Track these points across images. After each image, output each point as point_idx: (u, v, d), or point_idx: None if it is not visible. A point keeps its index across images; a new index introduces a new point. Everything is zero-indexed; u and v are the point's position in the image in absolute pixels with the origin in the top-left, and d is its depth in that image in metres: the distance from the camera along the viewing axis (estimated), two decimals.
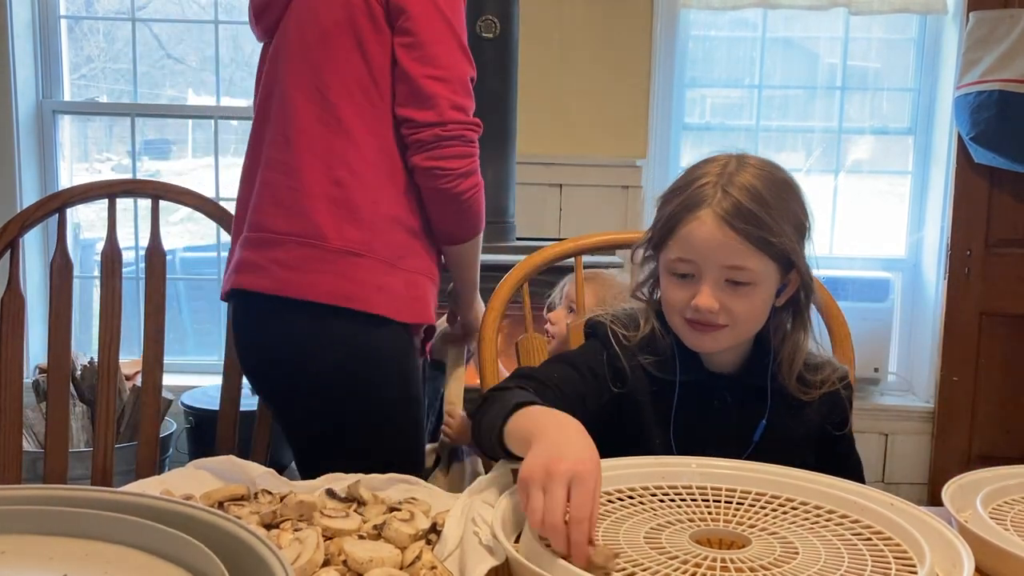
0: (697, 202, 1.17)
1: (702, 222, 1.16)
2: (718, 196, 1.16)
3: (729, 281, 1.17)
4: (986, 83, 3.03)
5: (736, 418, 1.26)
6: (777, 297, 1.23)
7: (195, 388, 3.19)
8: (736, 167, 1.19)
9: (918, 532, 0.92)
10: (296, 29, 1.53)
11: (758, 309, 1.21)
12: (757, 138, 3.48)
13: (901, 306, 3.50)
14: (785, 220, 1.17)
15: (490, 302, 1.55)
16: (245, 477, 1.11)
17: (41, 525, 0.72)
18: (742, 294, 1.18)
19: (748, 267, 1.16)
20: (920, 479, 3.42)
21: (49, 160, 3.41)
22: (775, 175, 1.20)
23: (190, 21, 3.56)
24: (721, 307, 1.18)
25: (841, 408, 1.30)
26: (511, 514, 0.95)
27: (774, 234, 1.16)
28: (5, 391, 1.51)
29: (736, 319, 1.19)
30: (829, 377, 1.27)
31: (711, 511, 1.00)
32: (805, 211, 1.23)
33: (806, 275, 1.22)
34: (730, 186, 1.17)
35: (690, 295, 1.19)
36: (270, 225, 1.48)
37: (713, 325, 1.19)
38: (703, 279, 1.18)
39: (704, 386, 1.26)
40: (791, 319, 1.27)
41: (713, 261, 1.17)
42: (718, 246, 1.16)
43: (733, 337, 1.22)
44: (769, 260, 1.18)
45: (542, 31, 3.27)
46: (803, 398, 1.26)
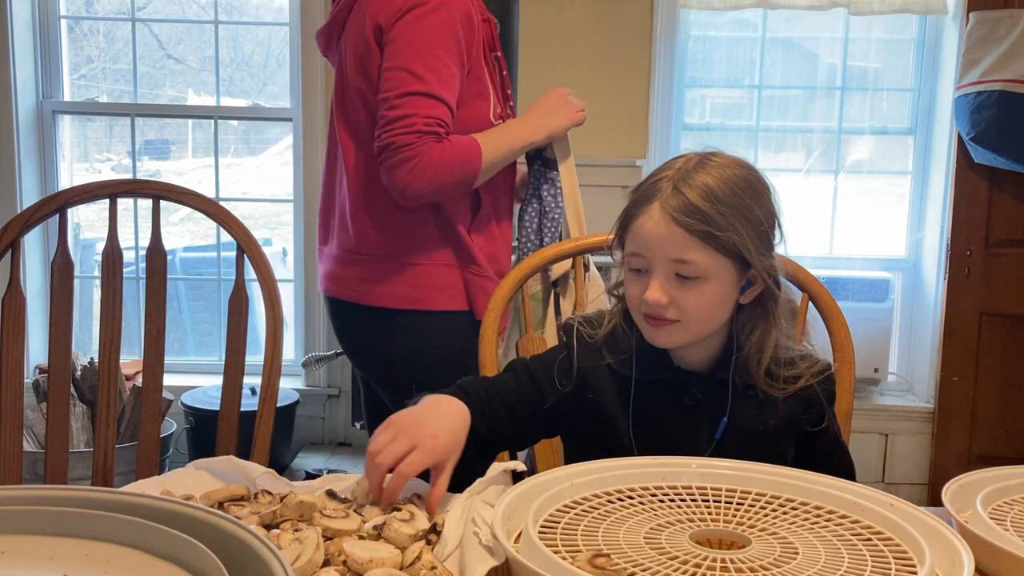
0: (649, 197, 1.21)
1: (649, 216, 1.19)
2: (668, 192, 1.19)
3: (679, 276, 1.19)
4: (986, 83, 3.03)
5: (705, 415, 1.27)
6: (742, 295, 1.24)
7: (195, 388, 3.20)
8: (696, 165, 1.21)
9: (918, 532, 0.92)
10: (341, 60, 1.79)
11: (710, 304, 1.21)
12: (757, 138, 3.48)
13: (901, 306, 3.50)
14: (736, 216, 1.18)
15: (490, 302, 1.56)
16: (245, 477, 1.11)
17: (41, 525, 0.72)
18: (691, 288, 1.19)
19: (693, 260, 1.18)
20: (920, 479, 3.42)
21: (49, 160, 3.42)
22: (737, 175, 1.21)
23: (190, 21, 3.57)
24: (671, 301, 1.19)
25: (818, 402, 1.29)
26: (511, 514, 0.95)
27: (720, 228, 1.17)
28: (5, 391, 1.51)
29: (686, 314, 1.20)
30: (804, 372, 1.27)
31: (711, 511, 1.00)
32: (770, 212, 1.23)
33: (766, 275, 1.22)
34: (682, 183, 1.19)
35: (643, 289, 1.21)
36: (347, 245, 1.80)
37: (664, 319, 1.21)
38: (652, 273, 1.20)
39: (673, 383, 1.27)
40: (756, 316, 1.27)
41: (659, 255, 1.19)
42: (662, 239, 1.18)
43: (687, 332, 1.23)
44: (717, 255, 1.18)
45: (542, 31, 3.28)
46: (773, 393, 1.26)
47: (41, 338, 3.23)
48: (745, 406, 1.26)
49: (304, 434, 3.42)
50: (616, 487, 1.05)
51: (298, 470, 3.12)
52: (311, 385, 3.44)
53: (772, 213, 1.24)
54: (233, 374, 1.60)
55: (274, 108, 3.52)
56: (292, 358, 3.45)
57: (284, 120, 3.45)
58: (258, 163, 3.78)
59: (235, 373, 1.59)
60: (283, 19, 3.44)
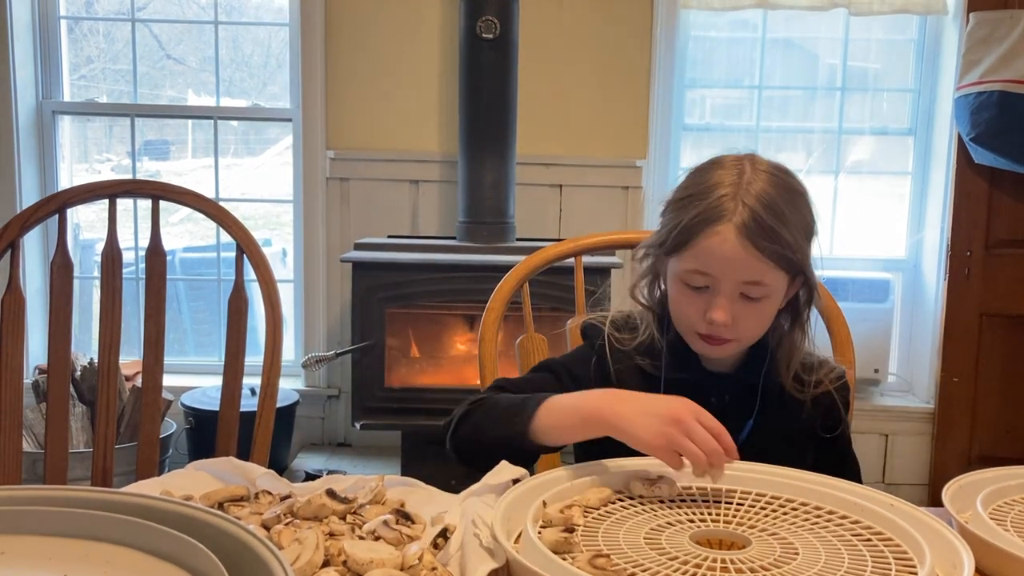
0: (717, 216, 1.16)
1: (724, 238, 1.15)
2: (738, 209, 1.15)
3: (744, 295, 1.18)
4: (986, 84, 3.03)
5: (731, 417, 1.26)
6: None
7: (195, 389, 3.20)
8: (751, 174, 1.18)
9: (918, 533, 0.92)
10: None
11: (766, 320, 1.22)
12: (757, 139, 3.48)
13: (901, 307, 3.50)
14: (799, 231, 1.18)
15: (490, 302, 1.55)
16: (245, 478, 1.11)
17: (41, 525, 0.72)
18: (754, 307, 1.19)
19: (765, 282, 1.17)
20: (920, 480, 3.42)
21: (49, 161, 3.42)
22: (788, 182, 1.20)
23: (190, 22, 3.57)
24: (734, 321, 1.18)
25: (836, 409, 1.30)
26: (511, 515, 0.95)
27: (792, 249, 1.16)
28: (5, 391, 1.51)
29: (743, 332, 1.21)
30: (825, 377, 1.28)
31: (711, 512, 1.00)
32: (813, 216, 1.23)
33: (812, 279, 1.23)
34: (747, 196, 1.16)
35: (703, 308, 1.19)
36: None
37: (721, 340, 1.20)
38: (719, 292, 1.18)
39: (700, 385, 1.26)
40: (789, 320, 1.27)
41: (731, 276, 1.17)
42: (739, 263, 1.15)
43: (740, 348, 1.24)
44: (782, 272, 1.18)
45: (542, 31, 3.28)
46: (798, 397, 1.26)
47: (41, 338, 3.23)
48: (771, 409, 1.26)
49: (304, 434, 3.42)
50: (616, 487, 1.04)
51: (298, 470, 3.12)
52: (311, 385, 3.44)
53: (813, 217, 1.23)
54: (233, 374, 1.60)
55: (274, 108, 3.52)
56: (292, 358, 3.45)
57: (284, 120, 3.45)
58: (258, 163, 3.77)
59: (235, 373, 1.59)
60: (283, 19, 3.43)
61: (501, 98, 3.03)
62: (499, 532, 0.88)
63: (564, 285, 1.98)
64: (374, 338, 2.92)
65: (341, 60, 3.30)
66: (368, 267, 2.90)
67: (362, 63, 3.31)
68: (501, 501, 0.96)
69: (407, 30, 3.30)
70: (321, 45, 3.28)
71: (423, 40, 3.30)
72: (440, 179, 3.33)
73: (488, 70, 3.02)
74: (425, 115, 3.33)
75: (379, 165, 3.33)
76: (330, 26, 3.29)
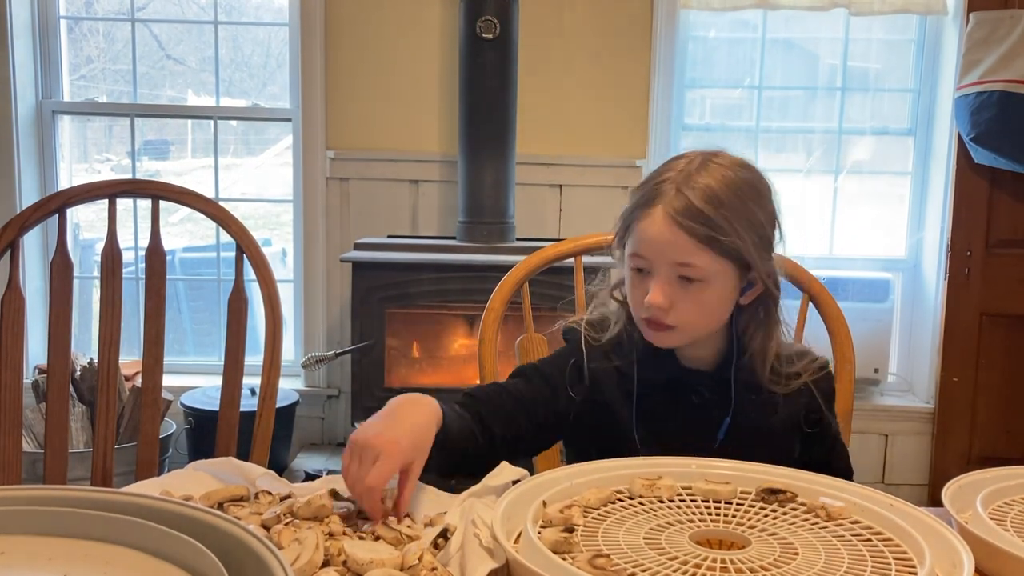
0: (652, 199, 1.20)
1: (653, 220, 1.19)
2: (671, 194, 1.18)
3: (682, 278, 1.19)
4: (986, 84, 3.03)
5: (711, 414, 1.27)
6: (742, 296, 1.24)
7: (195, 389, 3.20)
8: (699, 166, 1.20)
9: (918, 533, 0.92)
10: None
11: (709, 307, 1.22)
12: (757, 139, 3.48)
13: (901, 307, 3.50)
14: (738, 220, 1.18)
15: (490, 302, 1.55)
16: (245, 478, 1.11)
17: (41, 525, 0.72)
18: (692, 291, 1.19)
19: (696, 264, 1.18)
20: (920, 480, 3.42)
21: (49, 161, 3.42)
22: (739, 176, 1.20)
23: (190, 22, 3.57)
24: (671, 304, 1.19)
25: (815, 401, 1.30)
26: (511, 515, 0.95)
27: (723, 232, 1.17)
28: (5, 391, 1.51)
29: (682, 319, 1.20)
30: (806, 368, 1.28)
31: (711, 512, 1.00)
32: (770, 214, 1.23)
33: (767, 278, 1.23)
34: (686, 185, 1.18)
35: (645, 291, 1.21)
36: None
37: (662, 325, 1.21)
38: (653, 275, 1.20)
39: (680, 382, 1.27)
40: (760, 316, 1.27)
41: (662, 258, 1.19)
42: (665, 243, 1.18)
43: (684, 336, 1.23)
44: (719, 258, 1.18)
45: (542, 31, 3.28)
46: (777, 390, 1.26)
47: (40, 338, 3.23)
48: (749, 405, 1.26)
49: (304, 434, 3.42)
50: (616, 488, 1.05)
51: (298, 470, 3.12)
52: (311, 385, 3.44)
53: (773, 215, 1.24)
54: (232, 374, 1.60)
55: (274, 108, 3.52)
56: (292, 358, 3.45)
57: (284, 120, 3.45)
58: (257, 163, 3.77)
59: (234, 374, 1.59)
60: (283, 19, 3.43)
61: (501, 98, 3.03)
62: (499, 532, 0.88)
63: (564, 285, 1.98)
64: (374, 338, 2.92)
65: (341, 60, 3.30)
66: (368, 267, 2.90)
67: (362, 63, 3.31)
68: (501, 501, 0.96)
69: (407, 30, 3.30)
70: (321, 45, 3.28)
71: (423, 40, 3.30)
72: (440, 179, 3.33)
73: (488, 70, 3.02)
74: (425, 115, 3.33)
75: (379, 165, 3.33)
76: (330, 26, 3.29)
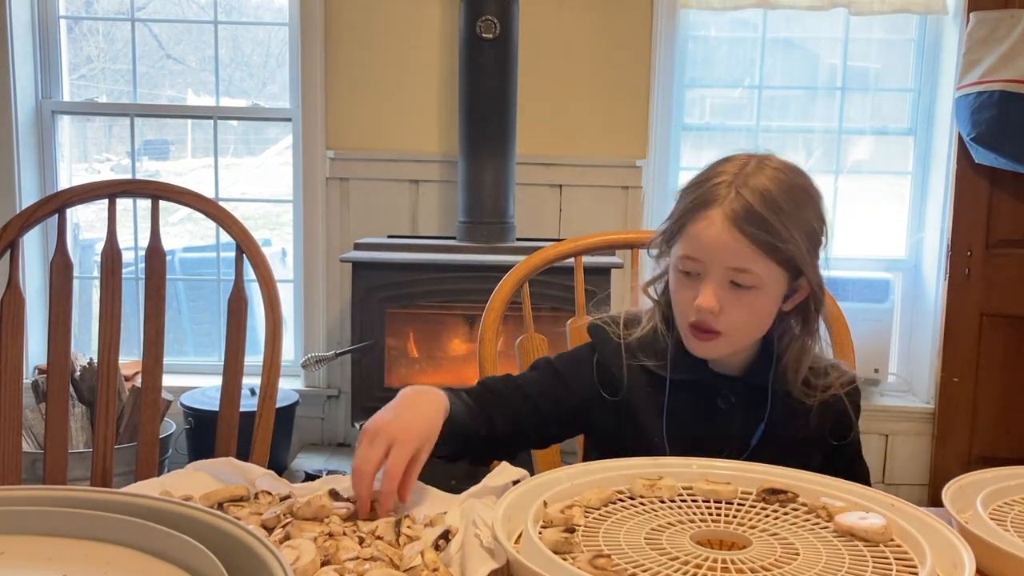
0: (709, 200, 1.17)
1: (711, 222, 1.16)
2: (730, 196, 1.16)
3: (733, 283, 1.17)
4: (987, 83, 3.03)
5: (738, 420, 1.25)
6: (785, 302, 1.23)
7: (194, 389, 3.20)
8: (755, 168, 1.18)
9: (919, 533, 0.92)
10: None
11: (759, 314, 1.20)
12: (757, 139, 3.48)
13: (901, 307, 3.50)
14: (796, 227, 1.16)
15: (490, 302, 1.55)
16: (244, 478, 1.11)
17: (41, 525, 0.72)
18: (743, 297, 1.17)
19: (752, 270, 1.16)
20: (920, 480, 3.42)
21: (48, 160, 3.41)
22: (794, 180, 1.19)
23: (190, 21, 3.56)
24: (721, 309, 1.17)
25: (846, 415, 1.29)
26: (511, 515, 0.95)
27: (782, 239, 1.15)
28: (5, 391, 1.51)
29: (731, 327, 1.18)
30: (834, 382, 1.26)
31: (712, 512, 1.00)
32: (821, 220, 1.22)
33: (816, 286, 1.22)
34: (744, 187, 1.16)
35: (694, 295, 1.18)
36: None
37: (710, 331, 1.19)
38: (706, 278, 1.17)
39: (708, 386, 1.26)
40: (799, 325, 1.26)
41: (718, 262, 1.16)
42: (723, 247, 1.15)
43: (729, 345, 1.21)
44: (775, 265, 1.17)
45: (542, 31, 3.28)
46: (807, 402, 1.25)
47: (40, 338, 3.22)
48: (780, 413, 1.25)
49: (304, 435, 3.42)
50: (617, 488, 1.04)
51: (298, 471, 3.12)
52: (310, 386, 3.44)
53: (822, 220, 1.22)
54: (232, 375, 1.60)
55: (273, 108, 3.52)
56: (292, 359, 3.45)
57: (284, 120, 3.45)
58: (257, 163, 3.77)
59: (234, 374, 1.59)
60: (283, 19, 3.43)
61: (501, 98, 3.03)
62: (500, 532, 0.88)
63: (564, 285, 1.98)
64: (374, 338, 2.92)
65: (341, 60, 3.30)
66: (368, 267, 2.90)
67: (362, 63, 3.31)
68: (502, 501, 0.95)
69: (407, 30, 3.29)
70: (321, 45, 3.28)
71: (423, 40, 3.30)
72: (440, 179, 3.33)
73: (488, 70, 3.02)
74: (425, 115, 3.33)
75: (379, 165, 3.33)
76: (330, 26, 3.29)
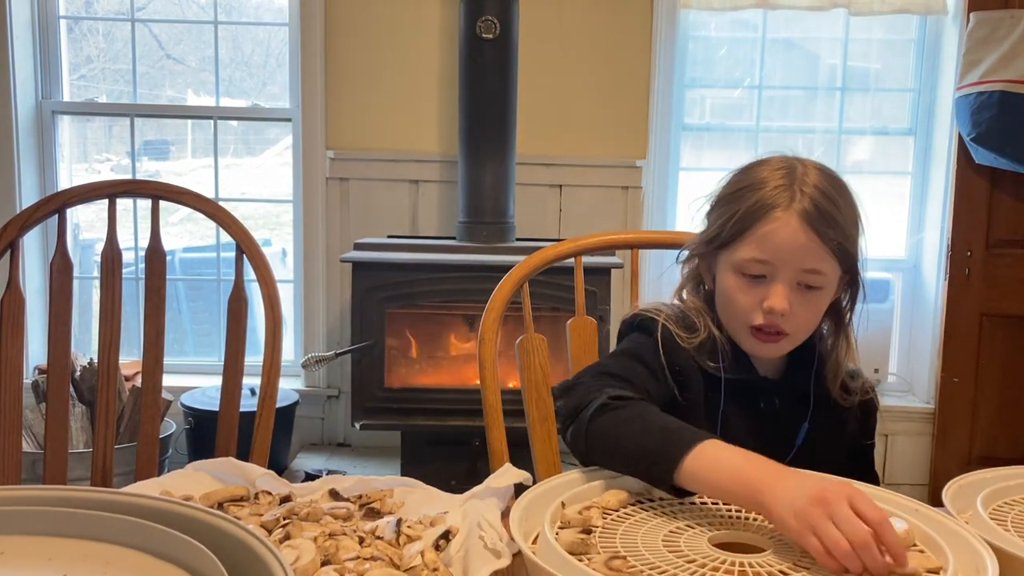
0: (775, 202, 1.16)
1: (786, 223, 1.15)
2: (797, 197, 1.15)
3: (801, 285, 1.17)
4: (987, 84, 3.03)
5: (781, 421, 1.25)
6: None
7: (194, 389, 3.20)
8: (802, 168, 1.19)
9: (941, 538, 0.92)
10: None
11: (819, 314, 1.21)
12: (757, 139, 3.48)
13: (901, 307, 3.50)
14: (852, 225, 1.18)
15: (490, 302, 1.55)
16: (244, 478, 1.11)
17: (41, 525, 0.72)
18: (810, 299, 1.18)
19: (823, 271, 1.16)
20: (921, 480, 3.42)
21: (48, 161, 3.41)
22: (837, 178, 1.21)
23: (190, 21, 3.56)
24: (792, 311, 1.17)
25: (872, 418, 1.31)
26: (529, 516, 0.94)
27: (848, 239, 1.16)
28: (5, 391, 1.51)
29: (798, 326, 1.19)
30: (864, 384, 1.28)
31: (731, 515, 0.99)
32: (858, 211, 1.23)
33: (860, 279, 1.22)
34: (805, 187, 1.16)
35: (759, 298, 1.17)
36: None
37: (778, 332, 1.18)
38: (777, 280, 1.17)
39: (754, 387, 1.25)
40: (833, 325, 1.26)
41: (791, 263, 1.16)
42: (800, 248, 1.15)
43: (791, 345, 1.22)
44: (837, 265, 1.18)
45: (542, 31, 3.28)
46: (844, 404, 1.26)
47: (40, 339, 3.22)
48: (822, 415, 1.25)
49: (304, 434, 3.42)
50: (635, 490, 1.04)
51: (298, 471, 3.12)
52: (310, 386, 3.44)
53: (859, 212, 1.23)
54: (232, 375, 1.60)
55: (273, 108, 3.52)
56: (292, 359, 3.45)
57: (284, 120, 3.45)
58: (257, 163, 3.77)
59: (234, 374, 1.59)
60: (283, 19, 3.43)
61: (501, 98, 3.03)
62: (516, 532, 0.88)
63: (564, 285, 1.98)
64: (374, 338, 2.92)
65: (341, 60, 3.30)
66: (368, 267, 2.90)
67: (362, 63, 3.31)
68: (520, 501, 0.95)
69: (407, 30, 3.29)
70: (321, 45, 3.28)
71: (423, 40, 3.30)
72: (440, 179, 3.33)
73: (488, 70, 3.02)
74: (425, 115, 3.33)
75: (379, 165, 3.33)
76: (330, 26, 3.29)
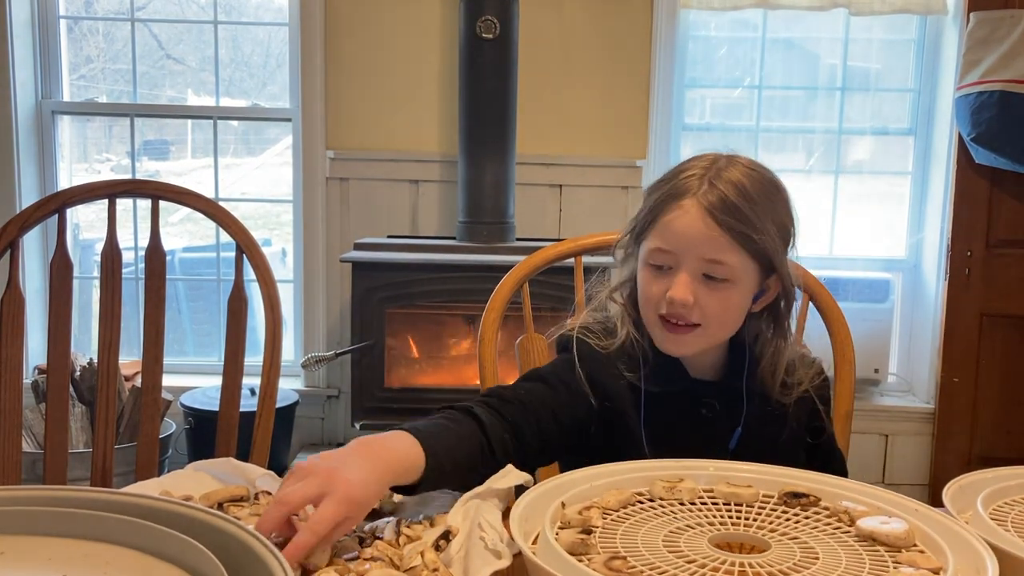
0: (682, 192, 1.16)
1: (685, 211, 1.15)
2: (704, 188, 1.15)
3: (706, 276, 1.15)
4: (987, 83, 3.03)
5: (720, 426, 1.24)
6: (754, 303, 1.22)
7: (194, 389, 3.19)
8: (725, 163, 1.18)
9: (941, 538, 0.91)
10: None
11: (732, 310, 1.19)
12: (757, 139, 3.48)
13: (901, 307, 3.50)
14: (769, 220, 1.16)
15: (490, 302, 1.55)
16: (244, 479, 1.11)
17: (41, 525, 0.72)
18: (717, 291, 1.16)
19: (727, 262, 1.14)
20: (921, 480, 3.42)
21: (48, 160, 3.41)
22: (764, 175, 1.19)
23: (190, 21, 3.56)
24: (695, 302, 1.15)
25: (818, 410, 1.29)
26: (529, 516, 0.94)
27: (756, 231, 1.14)
28: (5, 392, 1.51)
29: (708, 318, 1.17)
30: (805, 375, 1.26)
31: (731, 515, 0.99)
32: (791, 216, 1.21)
33: (787, 282, 1.21)
34: (717, 179, 1.15)
35: (665, 288, 1.16)
36: None
37: (685, 323, 1.17)
38: (680, 270, 1.16)
39: (689, 394, 1.24)
40: (771, 326, 1.25)
41: (692, 252, 1.15)
42: (698, 236, 1.14)
43: (704, 340, 1.20)
44: (748, 258, 1.16)
45: (542, 31, 3.28)
46: (784, 401, 1.25)
47: (40, 339, 3.22)
48: (759, 417, 1.24)
49: (304, 434, 3.42)
50: (636, 490, 1.03)
51: None
52: (310, 386, 3.44)
53: (792, 217, 1.22)
54: (232, 375, 1.60)
55: (273, 108, 3.52)
56: (291, 359, 3.45)
57: (284, 120, 3.45)
58: (257, 163, 3.77)
59: (234, 374, 1.59)
60: (283, 19, 3.43)
61: (501, 98, 3.03)
62: (516, 532, 0.88)
63: (564, 285, 1.98)
64: (374, 338, 2.92)
65: (341, 60, 3.30)
66: (368, 267, 2.90)
67: (362, 63, 3.31)
68: (520, 502, 0.94)
69: (407, 30, 3.29)
70: (321, 45, 3.28)
71: (423, 40, 3.30)
72: (440, 179, 3.33)
73: (488, 70, 3.02)
74: (425, 115, 3.33)
75: (379, 165, 3.33)
76: (330, 26, 3.28)
